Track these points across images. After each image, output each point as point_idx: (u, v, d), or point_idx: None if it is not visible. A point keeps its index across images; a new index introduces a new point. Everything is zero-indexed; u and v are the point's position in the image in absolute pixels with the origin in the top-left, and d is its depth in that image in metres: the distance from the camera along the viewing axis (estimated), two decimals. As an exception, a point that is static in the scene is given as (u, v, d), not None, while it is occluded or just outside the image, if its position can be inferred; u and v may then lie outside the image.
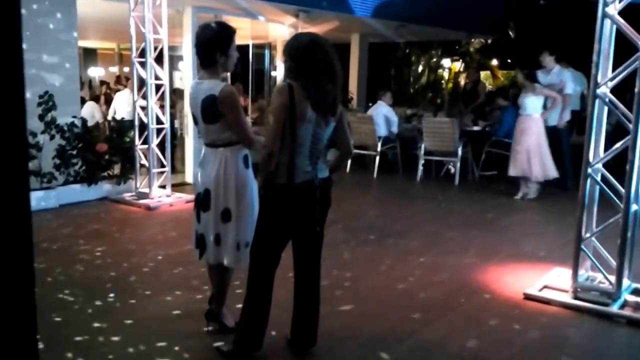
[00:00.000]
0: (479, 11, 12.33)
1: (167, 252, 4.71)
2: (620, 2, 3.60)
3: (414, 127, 8.76)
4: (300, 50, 2.69)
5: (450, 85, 16.20)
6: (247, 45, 11.56)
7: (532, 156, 6.71)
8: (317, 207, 2.75)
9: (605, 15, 3.57)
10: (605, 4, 3.56)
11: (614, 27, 3.62)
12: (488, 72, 16.48)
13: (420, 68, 15.55)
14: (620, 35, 3.60)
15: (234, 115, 2.92)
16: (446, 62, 16.16)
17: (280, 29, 9.80)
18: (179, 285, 3.99)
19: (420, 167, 8.26)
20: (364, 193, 7.43)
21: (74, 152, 6.51)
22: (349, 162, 8.77)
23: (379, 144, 8.48)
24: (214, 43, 2.96)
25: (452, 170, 8.24)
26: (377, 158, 8.51)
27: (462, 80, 16.32)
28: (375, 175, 8.42)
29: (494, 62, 16.39)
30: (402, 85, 15.21)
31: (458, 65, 16.13)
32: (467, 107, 8.94)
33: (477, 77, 10.87)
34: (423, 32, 11.95)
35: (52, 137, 6.24)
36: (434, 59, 15.49)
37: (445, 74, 16.39)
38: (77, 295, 3.78)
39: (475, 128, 8.52)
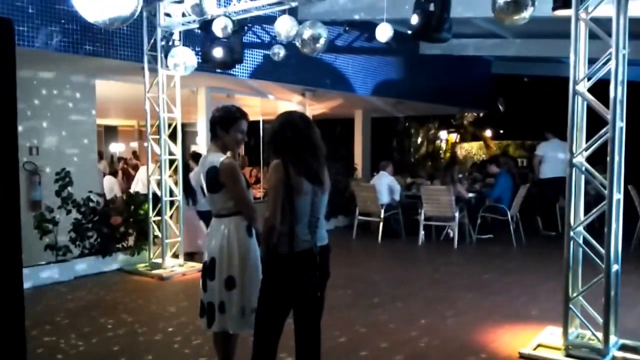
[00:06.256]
0: (470, 88, 12.76)
1: (177, 323, 4.63)
2: (588, 80, 3.79)
3: (414, 195, 8.87)
4: (274, 133, 2.78)
5: (448, 155, 16.50)
6: (258, 121, 11.94)
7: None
8: (316, 273, 2.77)
9: (575, 92, 3.75)
10: (575, 83, 3.75)
11: (585, 102, 3.79)
12: (481, 143, 16.82)
13: (419, 140, 15.91)
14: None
15: (233, 186, 3.02)
16: (443, 133, 16.55)
17: (288, 105, 10.12)
18: (188, 357, 3.91)
19: (422, 232, 8.32)
20: (369, 258, 7.44)
21: (90, 226, 6.49)
22: (355, 228, 8.86)
23: (382, 211, 8.59)
24: (217, 119, 3.16)
25: (451, 234, 8.28)
26: (381, 224, 8.59)
27: (458, 150, 16.62)
28: (379, 240, 8.46)
29: (488, 132, 16.75)
30: (403, 155, 15.52)
31: (454, 137, 16.49)
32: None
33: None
34: (420, 107, 12.35)
35: (68, 212, 6.25)
36: (432, 131, 15.88)
37: (443, 145, 16.74)
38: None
39: (470, 195, 8.61)
